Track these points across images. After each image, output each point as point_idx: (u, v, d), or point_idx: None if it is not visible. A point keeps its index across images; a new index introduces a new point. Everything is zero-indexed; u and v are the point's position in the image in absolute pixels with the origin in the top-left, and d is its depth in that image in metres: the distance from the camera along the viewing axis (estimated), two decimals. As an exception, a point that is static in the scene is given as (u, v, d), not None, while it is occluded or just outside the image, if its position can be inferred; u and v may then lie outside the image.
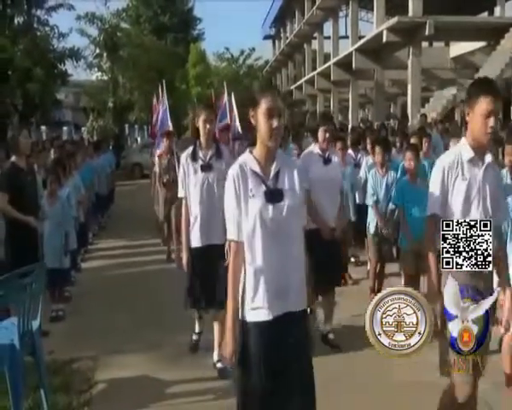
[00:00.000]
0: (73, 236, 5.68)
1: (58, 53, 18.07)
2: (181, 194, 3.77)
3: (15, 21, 17.90)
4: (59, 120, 27.16)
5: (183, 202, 3.75)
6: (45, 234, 4.85)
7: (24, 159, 4.61)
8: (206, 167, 3.70)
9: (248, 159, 2.24)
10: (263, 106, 2.13)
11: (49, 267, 4.46)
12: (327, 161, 4.13)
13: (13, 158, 4.56)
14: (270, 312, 2.07)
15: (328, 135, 4.09)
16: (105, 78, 23.84)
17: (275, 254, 2.10)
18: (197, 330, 4.25)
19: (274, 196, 2.14)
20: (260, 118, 2.14)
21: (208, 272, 3.73)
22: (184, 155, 3.80)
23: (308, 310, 2.29)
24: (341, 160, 5.58)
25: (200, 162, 3.71)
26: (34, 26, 18.10)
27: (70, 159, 6.53)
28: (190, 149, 3.76)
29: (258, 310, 2.09)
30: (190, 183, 3.71)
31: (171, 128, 7.70)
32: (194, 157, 3.71)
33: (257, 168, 2.20)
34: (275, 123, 2.11)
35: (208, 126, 3.68)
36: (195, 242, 3.74)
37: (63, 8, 18.34)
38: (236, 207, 2.15)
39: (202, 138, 3.73)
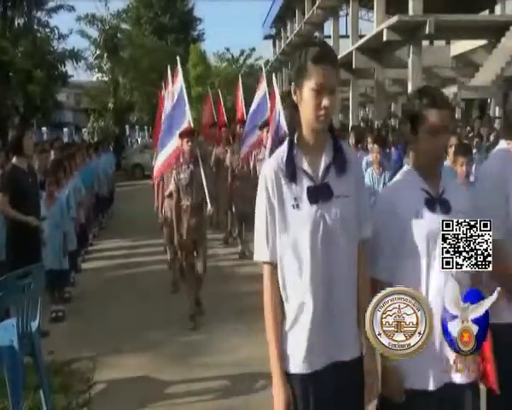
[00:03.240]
0: (72, 237, 5.68)
1: (58, 54, 18.15)
2: (264, 256, 1.73)
3: (16, 23, 17.98)
4: (59, 122, 27.22)
5: (267, 270, 1.75)
6: (44, 235, 4.83)
7: (25, 160, 4.60)
8: (320, 192, 1.69)
9: None
10: None
11: (48, 268, 4.46)
12: None
13: (14, 160, 4.55)
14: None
15: None
16: (105, 79, 23.86)
17: None
18: None
19: None
20: None
21: None
22: (269, 171, 1.72)
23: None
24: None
25: (306, 183, 1.70)
26: (34, 28, 18.17)
27: (70, 160, 6.52)
28: (280, 154, 1.74)
29: None
30: (287, 230, 1.70)
31: (191, 124, 5.34)
32: (291, 173, 1.69)
33: None
34: None
35: (326, 103, 1.64)
36: (300, 362, 1.72)
37: (63, 10, 18.43)
38: None
39: (306, 130, 1.72)
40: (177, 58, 5.94)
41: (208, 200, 4.79)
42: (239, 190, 7.05)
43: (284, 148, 1.76)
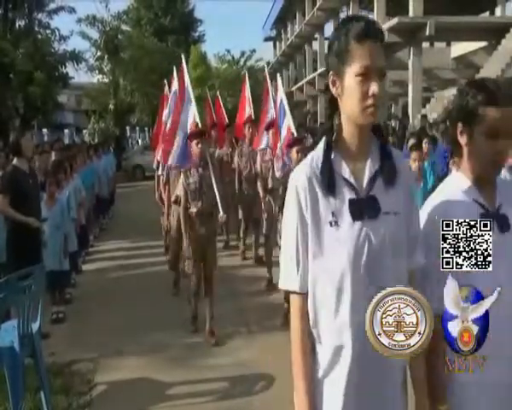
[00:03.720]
0: (73, 238, 5.68)
1: (59, 56, 18.18)
2: (292, 284, 1.43)
3: (17, 25, 18.02)
4: (60, 123, 27.27)
5: (296, 302, 1.44)
6: (45, 236, 4.84)
7: (26, 162, 4.62)
8: (366, 207, 1.39)
9: None
10: None
11: (48, 269, 4.46)
12: None
13: (14, 161, 4.57)
14: None
15: None
16: (106, 80, 23.89)
17: None
18: None
19: None
20: None
21: None
22: (302, 178, 1.42)
23: None
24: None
25: (348, 194, 1.40)
26: (35, 30, 18.20)
27: (70, 161, 6.53)
28: (314, 158, 1.44)
29: None
30: (322, 252, 1.39)
31: (200, 125, 5.00)
32: (329, 182, 1.40)
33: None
34: None
35: (375, 90, 1.33)
36: None
37: (64, 11, 18.47)
38: None
39: (349, 128, 1.41)
40: (182, 56, 5.78)
41: (220, 206, 4.46)
42: (245, 192, 6.85)
43: (319, 150, 1.43)
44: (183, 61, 5.60)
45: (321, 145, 1.42)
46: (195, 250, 4.42)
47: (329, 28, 27.25)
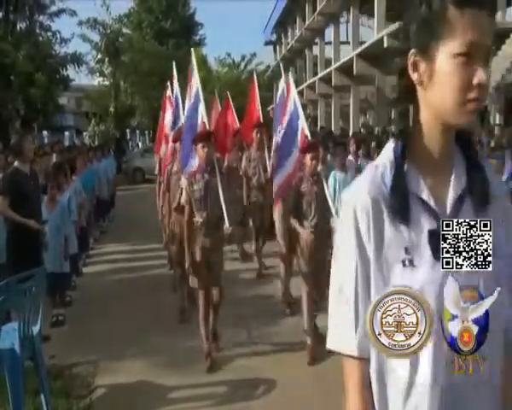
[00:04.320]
0: (73, 240, 5.68)
1: (60, 58, 18.26)
2: (348, 345, 1.03)
3: (18, 27, 18.08)
4: (61, 125, 27.36)
5: (353, 370, 1.03)
6: (46, 238, 4.84)
7: (27, 164, 4.63)
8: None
9: None
10: None
11: (49, 272, 4.47)
12: None
13: (16, 163, 4.58)
14: None
15: None
16: (107, 83, 23.98)
17: None
18: None
19: None
20: None
21: None
22: (363, 198, 1.01)
23: None
24: (342, 165, 5.61)
25: (427, 223, 0.99)
26: (36, 32, 18.28)
27: (71, 164, 6.55)
28: (379, 171, 1.03)
29: None
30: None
31: (207, 126, 4.62)
32: (402, 205, 0.98)
33: None
34: None
35: (482, 78, 0.92)
36: None
37: (65, 14, 18.56)
38: None
39: (432, 131, 1.00)
40: (192, 55, 5.54)
41: (226, 216, 4.04)
42: (256, 200, 6.37)
43: (385, 158, 1.04)
44: (194, 61, 5.36)
45: (389, 152, 1.04)
46: (200, 265, 4.01)
47: (330, 33, 27.33)
